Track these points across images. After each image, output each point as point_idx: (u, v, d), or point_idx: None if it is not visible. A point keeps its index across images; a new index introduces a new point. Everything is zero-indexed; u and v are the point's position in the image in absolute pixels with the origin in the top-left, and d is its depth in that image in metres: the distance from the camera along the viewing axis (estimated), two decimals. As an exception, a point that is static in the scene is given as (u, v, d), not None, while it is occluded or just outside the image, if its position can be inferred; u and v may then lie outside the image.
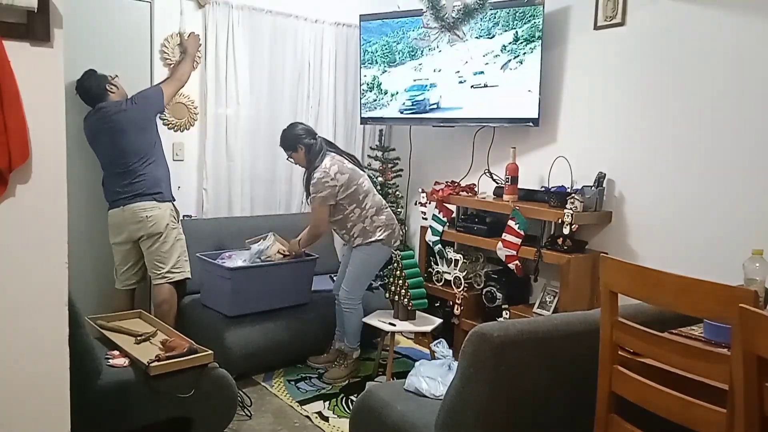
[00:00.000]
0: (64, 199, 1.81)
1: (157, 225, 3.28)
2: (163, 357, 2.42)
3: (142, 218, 3.25)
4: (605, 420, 1.78)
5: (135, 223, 3.26)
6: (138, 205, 3.25)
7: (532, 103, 3.52)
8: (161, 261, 3.33)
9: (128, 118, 3.26)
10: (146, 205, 3.26)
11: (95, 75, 3.31)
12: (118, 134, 3.24)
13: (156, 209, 3.29)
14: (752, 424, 1.37)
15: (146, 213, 3.26)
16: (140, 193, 3.26)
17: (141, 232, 3.27)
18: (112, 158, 3.28)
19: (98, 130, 3.27)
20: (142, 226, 3.26)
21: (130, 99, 3.34)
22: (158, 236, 3.29)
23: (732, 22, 2.83)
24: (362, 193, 3.34)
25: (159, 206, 3.30)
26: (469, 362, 1.83)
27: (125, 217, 3.26)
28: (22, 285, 1.77)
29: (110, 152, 3.28)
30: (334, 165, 3.27)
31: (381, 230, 3.35)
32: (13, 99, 1.67)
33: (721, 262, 2.76)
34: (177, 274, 3.37)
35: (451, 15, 3.01)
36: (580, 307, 3.10)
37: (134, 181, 3.26)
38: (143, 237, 3.29)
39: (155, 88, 3.46)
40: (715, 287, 1.49)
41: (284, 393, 3.26)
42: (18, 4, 1.63)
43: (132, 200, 3.24)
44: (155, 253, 3.32)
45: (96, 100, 3.28)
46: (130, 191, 3.25)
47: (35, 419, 1.84)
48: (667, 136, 3.09)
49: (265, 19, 4.06)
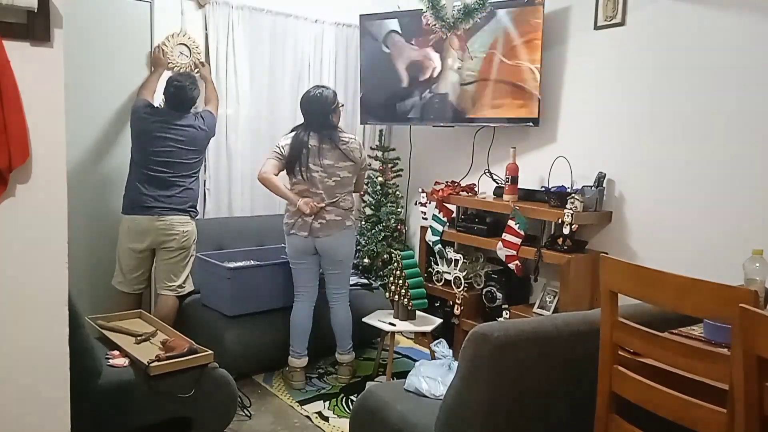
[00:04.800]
0: (64, 199, 1.81)
1: (188, 241, 3.36)
2: (163, 357, 2.42)
3: (178, 232, 3.30)
4: (605, 420, 1.78)
5: (167, 234, 3.28)
6: (177, 218, 3.30)
7: (531, 102, 3.53)
8: (176, 274, 3.37)
9: (198, 137, 3.39)
10: (184, 220, 3.33)
11: (197, 89, 3.46)
12: (184, 147, 3.31)
13: (190, 225, 3.37)
14: (752, 424, 1.37)
15: (183, 228, 3.32)
16: (181, 207, 3.32)
17: (171, 243, 3.30)
18: (163, 164, 3.28)
19: (161, 131, 3.28)
20: (175, 238, 3.30)
21: (201, 118, 3.44)
22: (184, 251, 3.36)
23: (732, 21, 2.83)
24: (295, 179, 3.31)
25: (192, 223, 3.39)
26: (469, 362, 1.83)
27: (156, 226, 3.27)
28: (22, 285, 1.77)
29: (164, 158, 3.28)
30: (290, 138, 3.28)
31: (287, 216, 3.36)
32: (13, 99, 1.67)
33: (721, 262, 2.76)
34: (185, 288, 3.43)
35: (451, 15, 3.01)
36: (580, 307, 3.10)
37: (178, 194, 3.31)
38: (171, 248, 3.31)
39: (213, 115, 3.57)
40: (715, 287, 1.49)
41: (284, 393, 3.26)
42: (18, 4, 1.64)
43: (171, 212, 3.29)
44: (175, 266, 3.36)
45: (185, 109, 3.40)
46: (170, 203, 3.29)
47: (35, 419, 1.84)
48: (667, 136, 3.09)
49: (265, 19, 4.06)
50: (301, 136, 3.23)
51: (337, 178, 3.24)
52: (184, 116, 3.36)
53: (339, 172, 3.24)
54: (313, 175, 3.21)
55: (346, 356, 3.43)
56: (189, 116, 3.39)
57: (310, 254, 3.31)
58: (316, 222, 3.22)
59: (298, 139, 3.23)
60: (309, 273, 3.36)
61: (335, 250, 3.30)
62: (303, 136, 3.23)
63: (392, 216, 4.28)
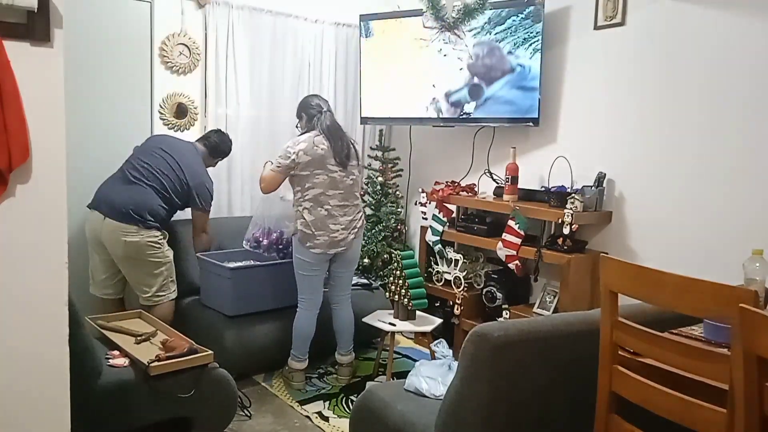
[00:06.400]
0: (64, 199, 1.81)
1: (136, 251, 3.20)
2: (163, 357, 2.42)
3: (121, 242, 3.17)
4: (605, 420, 1.79)
5: (109, 240, 3.21)
6: (122, 226, 3.15)
7: (531, 102, 3.53)
8: (146, 284, 3.25)
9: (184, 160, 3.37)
10: (130, 229, 3.14)
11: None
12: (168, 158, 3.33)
13: (137, 236, 3.16)
14: (752, 424, 1.37)
15: (126, 238, 3.14)
16: (125, 212, 3.18)
17: (116, 251, 3.23)
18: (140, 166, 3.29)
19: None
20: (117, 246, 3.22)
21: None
22: (134, 261, 3.22)
23: (732, 21, 2.83)
24: (309, 183, 3.14)
25: (142, 233, 3.18)
26: (469, 362, 1.83)
27: (103, 228, 3.19)
28: (22, 285, 1.77)
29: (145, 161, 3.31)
30: (304, 143, 3.12)
31: (301, 223, 3.16)
32: (13, 99, 1.67)
33: (721, 262, 2.77)
34: (164, 296, 3.28)
35: (451, 15, 3.01)
36: (580, 307, 3.10)
37: (132, 196, 3.24)
38: (117, 255, 3.22)
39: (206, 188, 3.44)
40: (715, 287, 1.49)
41: (284, 393, 3.26)
42: (18, 4, 1.64)
43: (116, 217, 3.17)
44: (137, 276, 3.25)
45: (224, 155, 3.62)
46: (119, 205, 3.21)
47: (35, 419, 1.84)
48: (667, 136, 3.09)
49: (265, 19, 4.06)
50: (320, 138, 3.15)
51: (354, 177, 3.25)
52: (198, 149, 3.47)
53: (353, 170, 3.25)
54: (333, 176, 3.16)
55: (346, 357, 3.42)
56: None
57: (324, 263, 3.26)
58: (350, 233, 3.21)
59: (319, 140, 3.14)
60: (319, 280, 3.30)
61: (351, 253, 3.30)
62: (324, 136, 3.15)
63: (392, 216, 4.28)
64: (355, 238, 3.27)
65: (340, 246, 3.21)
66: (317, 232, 3.15)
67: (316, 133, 3.16)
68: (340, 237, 3.19)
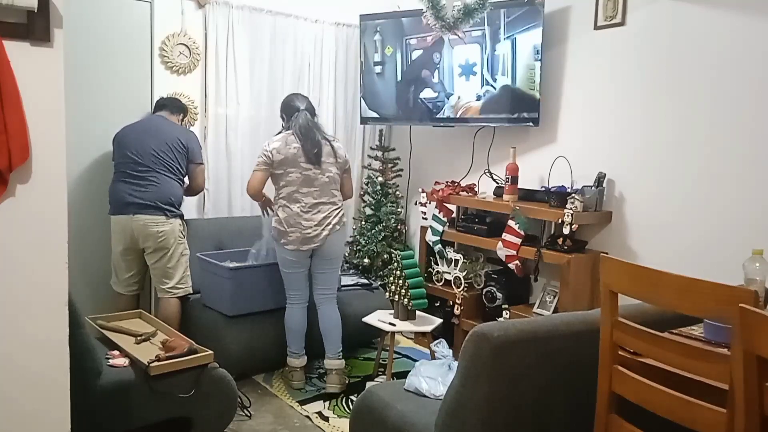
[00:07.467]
0: (64, 199, 1.82)
1: (165, 241, 3.34)
2: (163, 357, 2.42)
3: (153, 232, 3.31)
4: (605, 420, 1.78)
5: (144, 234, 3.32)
6: (151, 218, 3.29)
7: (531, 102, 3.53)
8: (167, 276, 3.39)
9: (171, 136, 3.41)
10: (158, 219, 3.30)
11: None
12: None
13: (167, 225, 3.33)
14: (752, 424, 1.37)
15: (158, 228, 3.31)
16: (153, 205, 3.31)
17: (148, 243, 3.34)
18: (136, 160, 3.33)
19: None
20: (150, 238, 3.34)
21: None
22: (164, 252, 3.35)
23: (732, 22, 2.83)
24: (283, 181, 3.18)
25: (170, 222, 3.34)
26: (469, 362, 1.83)
27: (132, 226, 3.29)
28: (22, 285, 1.77)
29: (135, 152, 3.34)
30: (278, 142, 3.18)
31: (275, 221, 3.23)
32: (13, 99, 1.67)
33: (721, 262, 2.77)
34: (181, 290, 3.43)
35: (451, 15, 3.01)
36: (580, 307, 3.10)
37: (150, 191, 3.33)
38: (149, 248, 3.35)
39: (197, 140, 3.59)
40: (715, 287, 1.49)
41: (284, 393, 3.26)
42: (18, 4, 1.64)
43: (144, 211, 3.30)
44: (162, 268, 3.37)
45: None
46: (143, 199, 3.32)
47: (35, 419, 1.84)
48: (667, 136, 3.09)
49: (265, 19, 4.06)
50: (293, 137, 3.19)
51: (330, 174, 3.24)
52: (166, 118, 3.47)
53: (331, 168, 3.24)
54: (307, 174, 3.18)
55: (335, 362, 3.28)
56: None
57: (304, 259, 3.29)
58: (324, 229, 3.20)
59: (291, 139, 3.18)
60: (302, 276, 3.32)
61: (328, 250, 3.28)
62: (296, 135, 3.19)
63: (392, 216, 4.28)
64: (329, 234, 3.23)
65: (314, 242, 3.21)
66: (289, 229, 3.18)
67: (290, 133, 3.21)
68: (313, 233, 3.20)
